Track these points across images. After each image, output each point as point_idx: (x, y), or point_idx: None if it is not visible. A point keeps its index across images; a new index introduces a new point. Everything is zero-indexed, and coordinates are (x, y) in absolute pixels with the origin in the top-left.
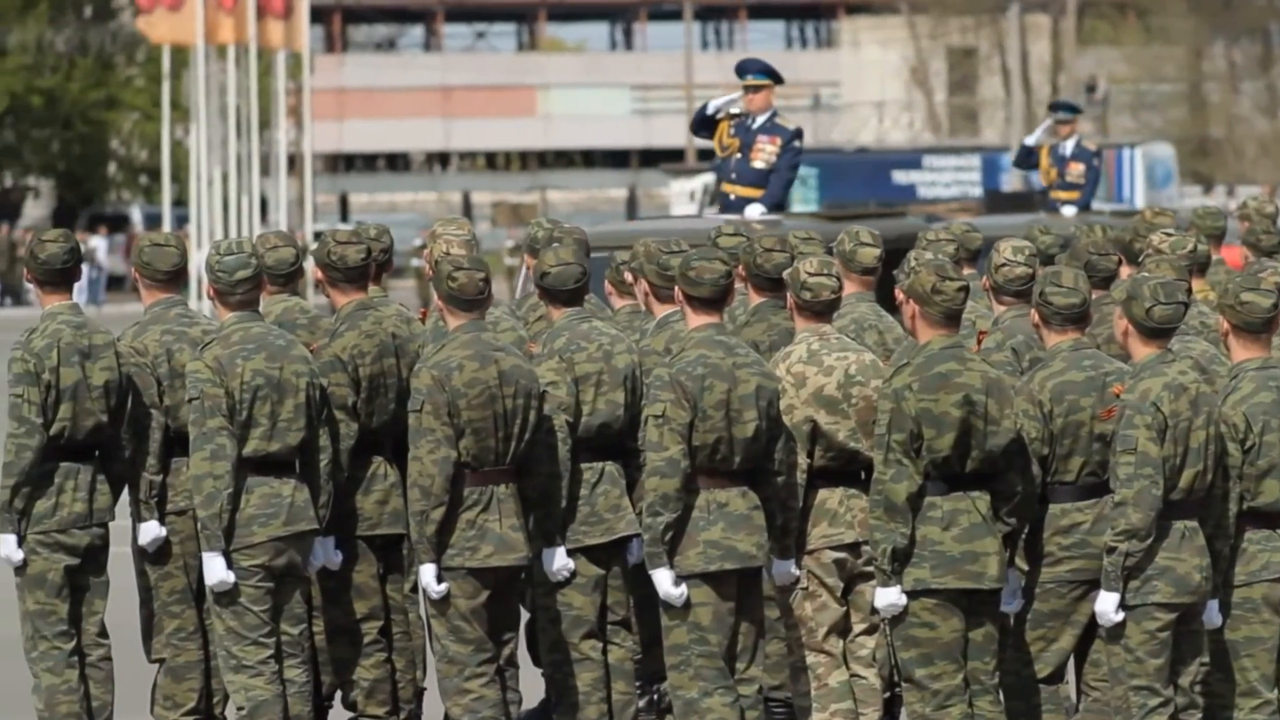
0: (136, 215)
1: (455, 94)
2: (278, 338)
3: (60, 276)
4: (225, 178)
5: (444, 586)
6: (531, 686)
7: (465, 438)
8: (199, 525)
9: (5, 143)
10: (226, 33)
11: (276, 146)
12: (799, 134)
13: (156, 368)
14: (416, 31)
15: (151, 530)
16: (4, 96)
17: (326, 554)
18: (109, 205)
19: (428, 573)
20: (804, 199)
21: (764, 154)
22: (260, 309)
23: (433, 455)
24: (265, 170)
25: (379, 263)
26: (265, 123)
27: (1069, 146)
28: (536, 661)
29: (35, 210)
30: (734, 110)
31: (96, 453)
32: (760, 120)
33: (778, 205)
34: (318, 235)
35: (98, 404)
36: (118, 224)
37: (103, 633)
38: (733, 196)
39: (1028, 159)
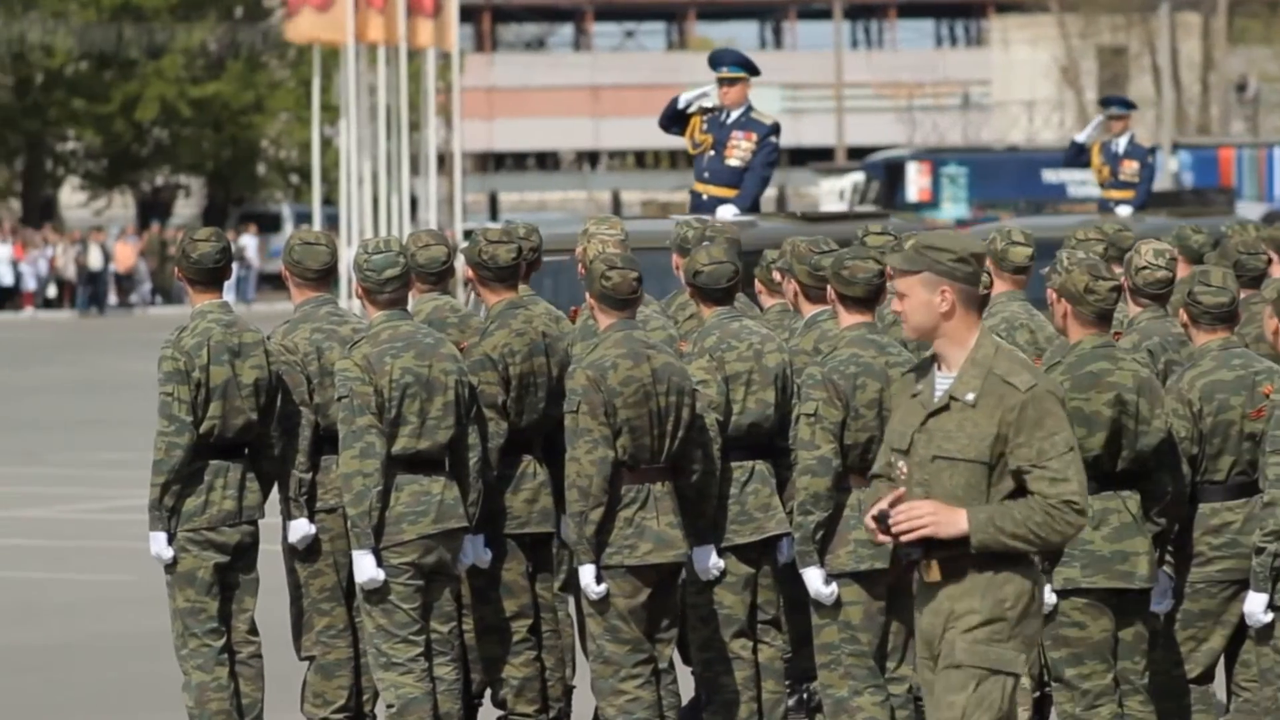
0: (287, 214)
1: (605, 93)
2: (426, 336)
3: (211, 275)
4: (375, 177)
5: (603, 587)
6: (681, 685)
7: (621, 436)
8: (349, 523)
9: (157, 142)
10: (376, 32)
11: (426, 145)
12: (776, 129)
13: (306, 366)
14: (566, 30)
15: (301, 528)
16: (154, 102)
17: (476, 552)
18: (259, 204)
19: (587, 573)
20: (954, 198)
21: (739, 151)
22: (410, 307)
23: (590, 455)
24: (415, 169)
25: (528, 262)
26: (415, 122)
27: (1122, 143)
28: (687, 660)
29: (185, 209)
30: (707, 104)
31: (246, 450)
32: (735, 115)
33: (753, 206)
34: (468, 234)
35: (247, 402)
36: (268, 223)
37: (253, 630)
38: (705, 196)
39: (1078, 157)
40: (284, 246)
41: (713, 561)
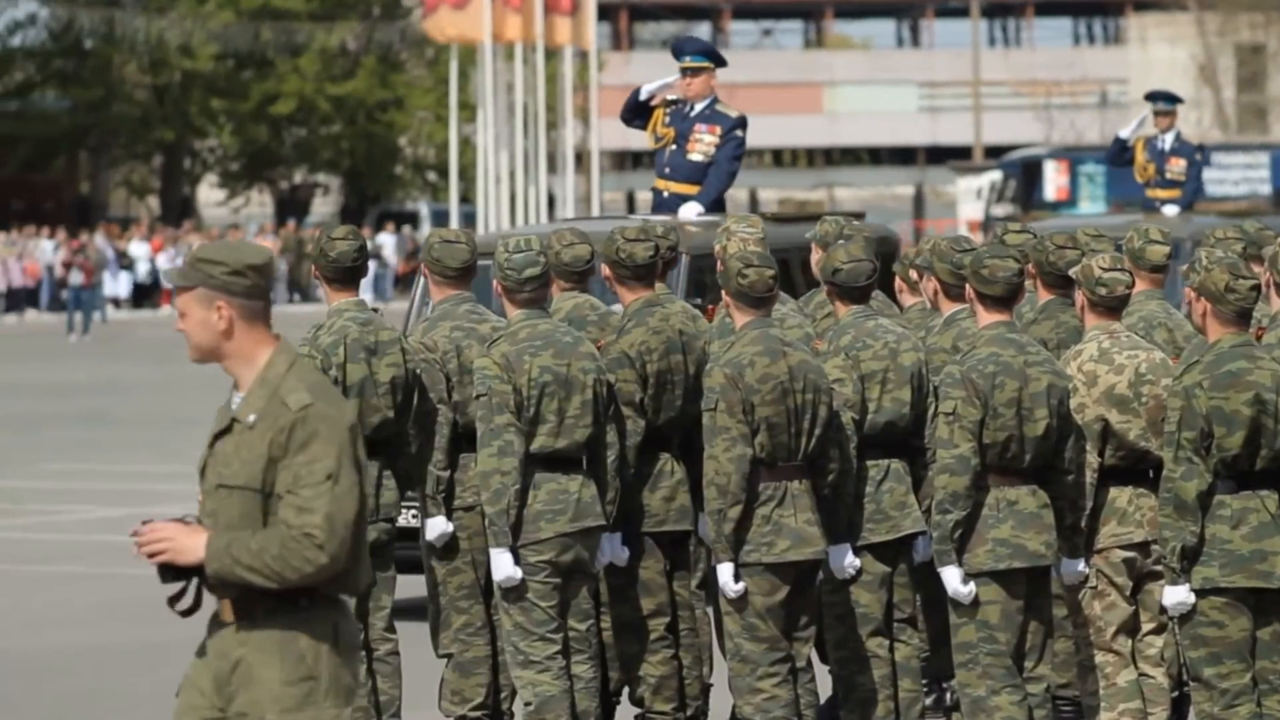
0: (425, 213)
1: (741, 91)
2: (565, 334)
3: (348, 274)
4: (512, 175)
5: (741, 585)
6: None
7: (759, 434)
8: (487, 521)
9: (295, 140)
10: (513, 30)
11: (563, 144)
12: (742, 122)
13: (446, 364)
14: (703, 29)
15: (439, 526)
16: (292, 99)
17: (614, 550)
18: (396, 203)
19: (725, 571)
20: (1091, 196)
21: (701, 145)
22: (550, 306)
23: (729, 453)
24: (552, 167)
25: (665, 260)
26: (552, 120)
27: (1168, 140)
28: (824, 659)
29: (323, 207)
30: (671, 96)
31: (383, 449)
32: (699, 107)
33: (717, 203)
34: None
35: (384, 400)
36: (405, 221)
37: (390, 627)
38: (666, 193)
39: (1121, 154)
40: (424, 245)
41: (849, 560)
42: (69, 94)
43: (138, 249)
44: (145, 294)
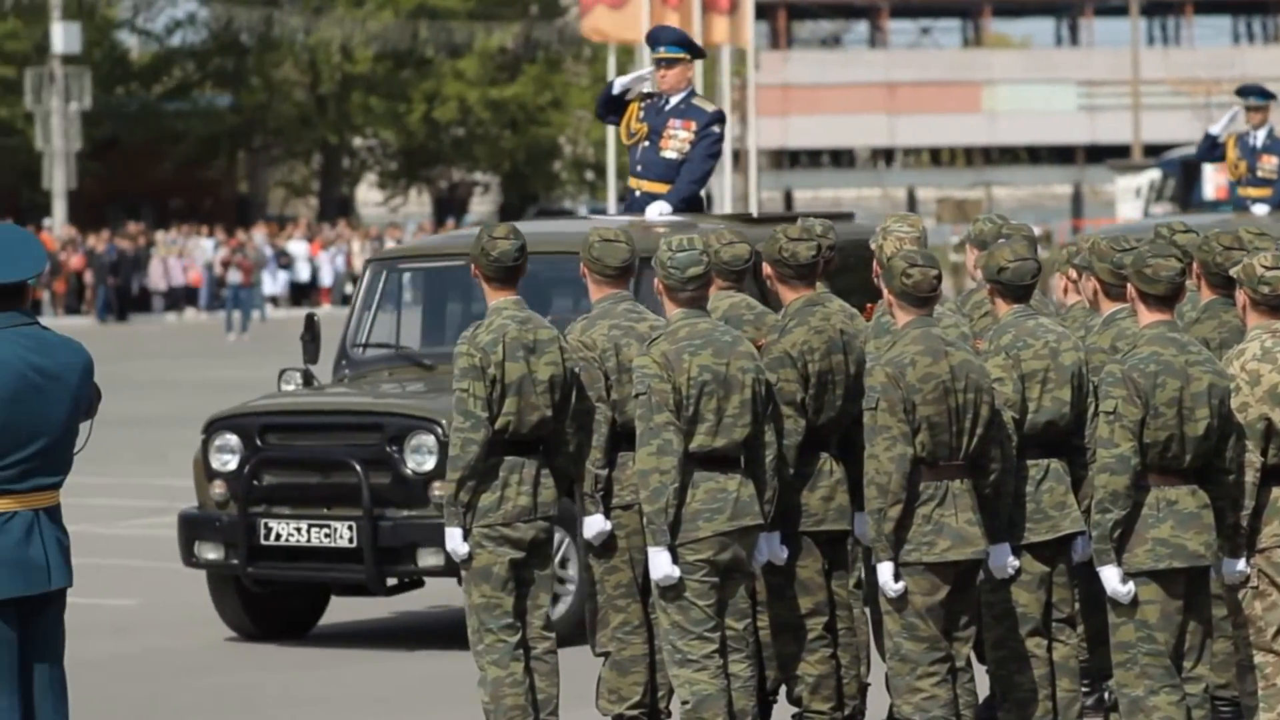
0: (584, 211)
1: (900, 90)
2: (724, 333)
3: (509, 273)
4: None
5: (901, 584)
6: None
7: (920, 433)
8: (645, 520)
9: (454, 140)
10: None
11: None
12: (719, 117)
13: (604, 362)
14: (861, 28)
15: (597, 524)
16: (453, 103)
17: (772, 549)
18: (555, 201)
19: (885, 571)
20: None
21: (675, 141)
22: (707, 304)
23: (889, 452)
24: None
25: (826, 260)
26: None
27: (1259, 137)
28: (981, 659)
29: (481, 206)
30: (647, 89)
31: (541, 447)
32: (674, 101)
33: (690, 202)
34: None
35: (542, 398)
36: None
37: (548, 626)
38: (639, 192)
39: (1211, 151)
40: (582, 245)
41: (1009, 559)
42: (228, 93)
43: (296, 248)
44: (303, 293)
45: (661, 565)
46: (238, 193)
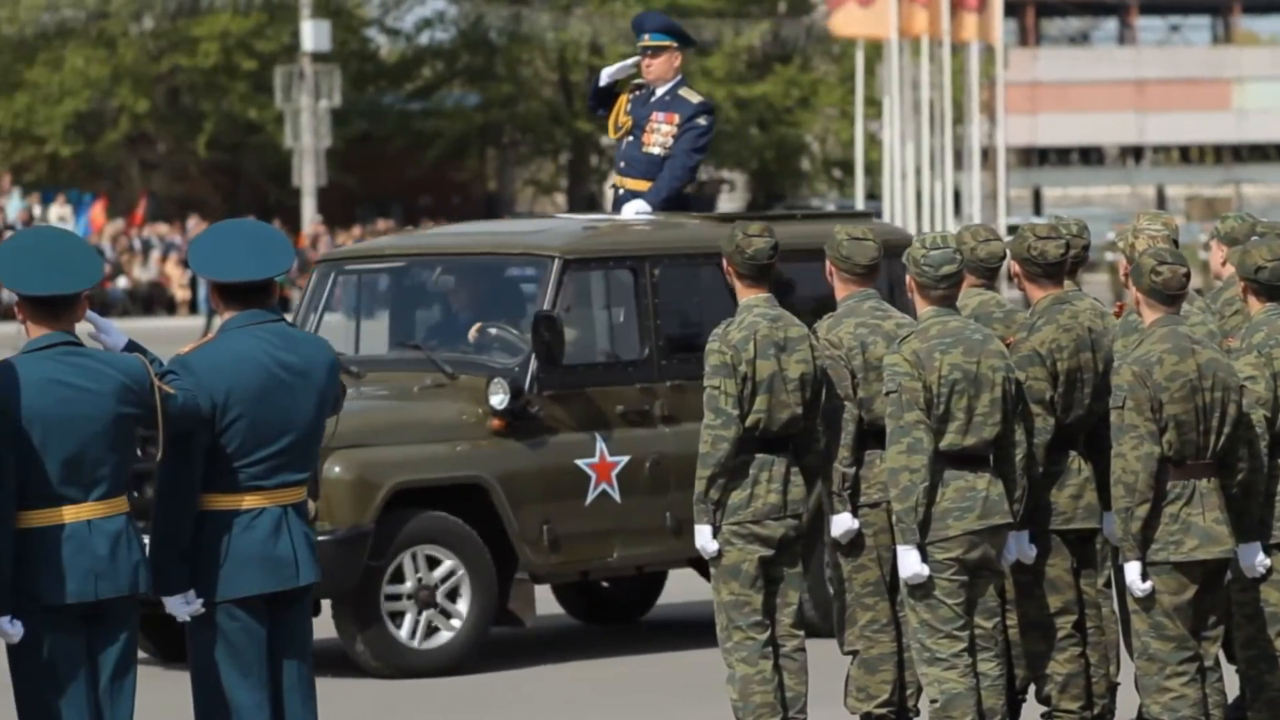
0: (831, 209)
1: (1149, 87)
2: (974, 332)
3: (762, 271)
4: (918, 171)
5: (1149, 584)
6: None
7: (1167, 432)
8: (894, 518)
9: None
10: (920, 26)
11: (970, 140)
12: (706, 109)
13: (851, 360)
14: (1110, 25)
15: (845, 522)
16: None
17: (1021, 548)
18: (802, 199)
19: (1133, 570)
20: None
21: (657, 135)
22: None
23: (1136, 451)
24: (958, 164)
25: (1076, 259)
26: (958, 116)
27: None
28: (1231, 658)
29: (728, 203)
30: (639, 80)
31: (790, 445)
32: (660, 93)
33: (672, 201)
34: (1012, 229)
35: (793, 396)
36: None
37: (797, 624)
38: (621, 190)
39: None
40: (829, 242)
41: (1259, 559)
42: (477, 91)
43: None
44: None
45: (911, 564)
46: (486, 190)
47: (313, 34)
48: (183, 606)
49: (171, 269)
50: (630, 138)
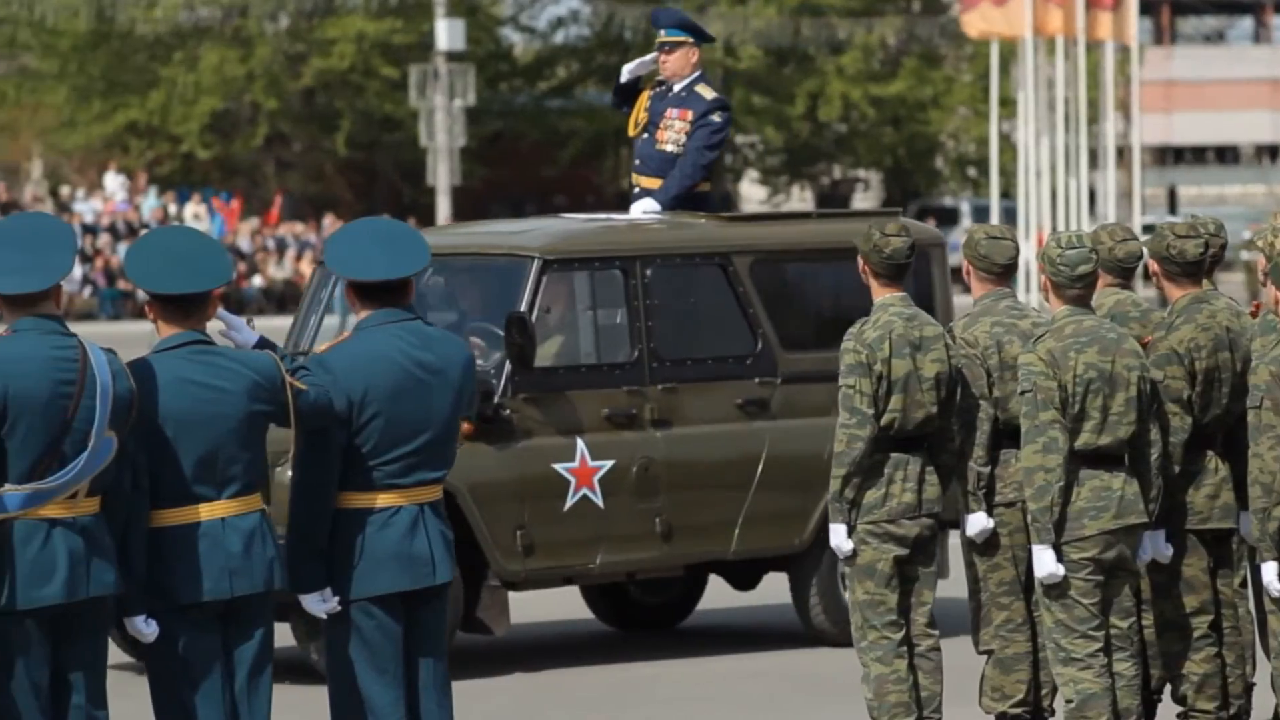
0: (965, 209)
1: None
2: (1109, 331)
3: (899, 270)
4: (1052, 170)
5: None
6: None
7: None
8: (1029, 518)
9: (836, 136)
10: (1054, 25)
11: (1104, 139)
12: (720, 105)
13: (986, 359)
14: (1245, 23)
15: (979, 521)
16: (837, 101)
17: (1156, 547)
18: (936, 198)
19: (1269, 570)
20: None
21: (670, 132)
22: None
23: (1274, 451)
24: (1093, 162)
25: (1213, 258)
26: (1093, 115)
27: None
28: None
29: (863, 202)
30: (661, 77)
31: (925, 444)
32: (677, 89)
33: (684, 199)
34: (1148, 229)
35: (928, 395)
36: (946, 217)
37: (931, 623)
38: (637, 189)
39: None
40: (966, 241)
41: None
42: (610, 90)
43: None
44: None
45: (1046, 563)
46: (619, 189)
47: (447, 33)
48: (318, 604)
49: (306, 267)
50: (645, 135)
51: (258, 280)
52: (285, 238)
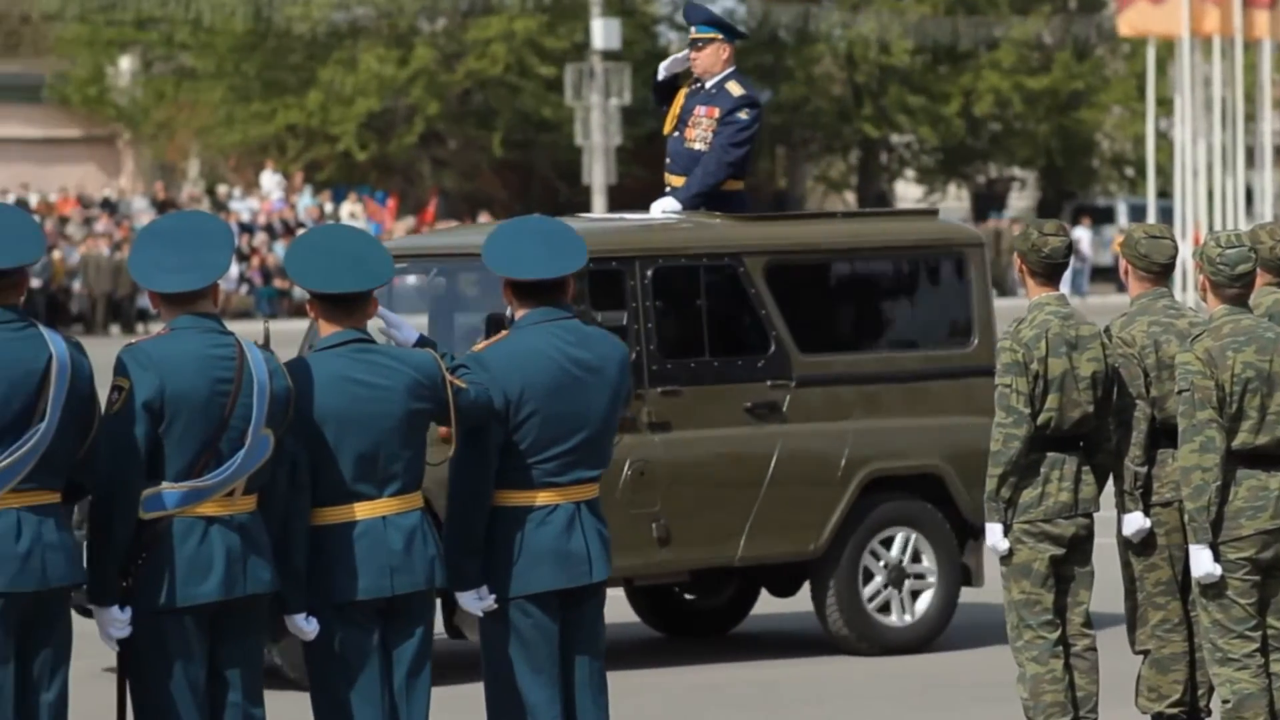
0: (1121, 208)
1: None
2: (1267, 330)
3: (1056, 269)
4: (1209, 169)
5: None
6: None
7: None
8: (1186, 517)
9: (991, 135)
10: (1211, 25)
11: (1261, 137)
12: (748, 102)
13: (1144, 358)
14: None
15: (1136, 521)
16: (989, 95)
17: None
18: (1092, 197)
19: None
20: None
21: (698, 130)
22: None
23: None
24: (1250, 161)
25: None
26: (1250, 113)
27: None
28: None
29: (1019, 201)
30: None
31: (1081, 443)
32: (708, 85)
33: (708, 197)
34: None
35: (1084, 394)
36: (1101, 216)
37: (1087, 623)
38: (668, 189)
39: None
40: (1125, 239)
41: None
42: (766, 89)
43: None
44: None
45: (1203, 563)
46: (776, 188)
47: (603, 32)
48: (475, 602)
49: None
50: (676, 132)
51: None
52: None
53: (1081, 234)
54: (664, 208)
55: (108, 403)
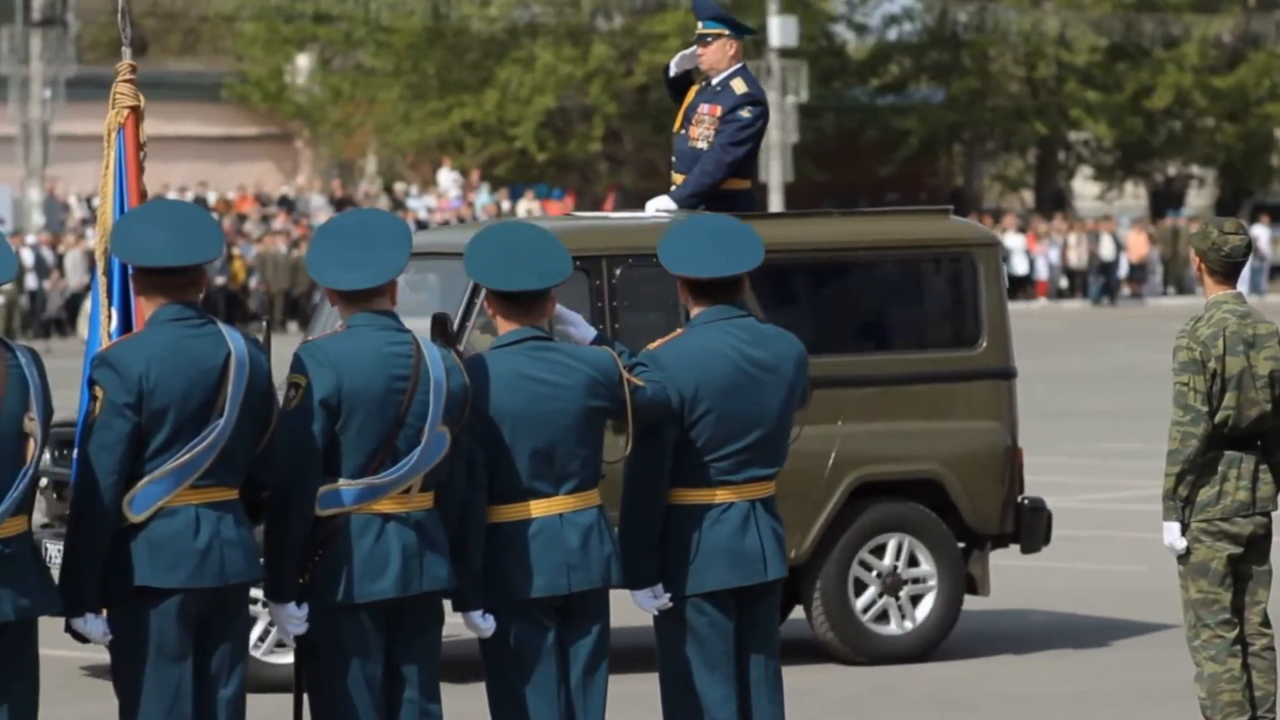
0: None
1: None
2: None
3: (1235, 268)
4: None
5: None
6: None
7: None
8: None
9: (1170, 132)
10: None
11: None
12: (750, 100)
13: None
14: None
15: None
16: (1169, 91)
17: None
18: (1271, 195)
19: None
20: None
21: (700, 128)
22: None
23: None
24: None
25: None
26: None
27: None
28: None
29: (1197, 200)
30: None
31: (1259, 441)
32: (714, 82)
33: (706, 196)
34: None
35: (1262, 393)
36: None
37: (1265, 622)
38: (674, 187)
39: None
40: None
41: None
42: (944, 87)
43: (1011, 241)
44: (1018, 285)
45: None
46: (953, 187)
47: (780, 29)
48: (650, 601)
49: None
50: (682, 130)
51: None
52: None
53: (1260, 232)
54: (658, 207)
55: (285, 399)
